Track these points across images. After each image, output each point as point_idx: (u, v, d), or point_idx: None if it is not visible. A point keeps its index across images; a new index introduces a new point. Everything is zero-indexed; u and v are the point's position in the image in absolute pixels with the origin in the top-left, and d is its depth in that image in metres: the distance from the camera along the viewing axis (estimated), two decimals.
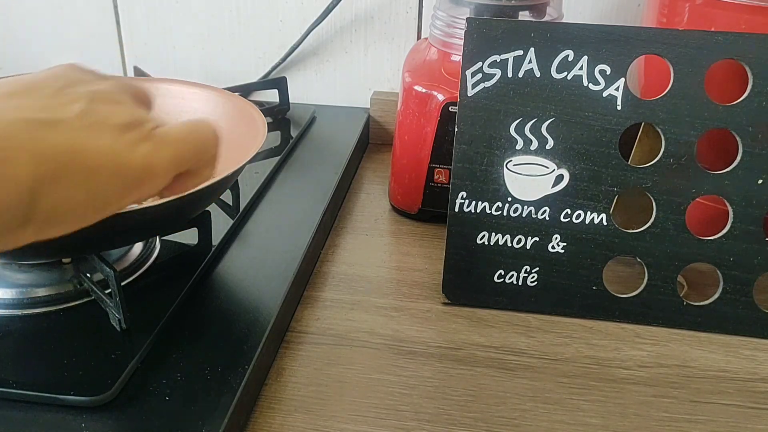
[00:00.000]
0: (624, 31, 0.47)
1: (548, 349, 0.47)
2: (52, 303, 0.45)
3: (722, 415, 0.42)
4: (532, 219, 0.50)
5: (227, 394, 0.38)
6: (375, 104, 0.79)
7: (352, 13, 0.79)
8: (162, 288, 0.47)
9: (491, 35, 0.47)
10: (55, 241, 0.28)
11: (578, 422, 0.41)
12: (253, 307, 0.47)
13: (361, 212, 0.65)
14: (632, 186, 0.48)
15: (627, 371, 0.46)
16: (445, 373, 0.45)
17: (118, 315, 0.42)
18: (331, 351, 0.47)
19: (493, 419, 0.41)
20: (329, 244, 0.59)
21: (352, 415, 0.41)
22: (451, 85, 0.57)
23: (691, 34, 0.46)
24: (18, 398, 0.38)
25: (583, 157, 0.48)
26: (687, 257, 0.49)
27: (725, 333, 0.49)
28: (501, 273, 0.51)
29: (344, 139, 0.73)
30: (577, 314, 0.50)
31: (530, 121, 0.48)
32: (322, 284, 0.54)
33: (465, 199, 0.50)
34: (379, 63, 0.81)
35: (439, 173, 0.60)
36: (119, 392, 0.38)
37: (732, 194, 0.48)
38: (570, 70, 0.47)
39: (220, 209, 0.57)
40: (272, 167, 0.65)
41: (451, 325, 0.50)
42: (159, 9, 0.82)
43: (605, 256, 0.50)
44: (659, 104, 0.47)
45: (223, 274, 0.50)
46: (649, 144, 0.50)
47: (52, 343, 0.42)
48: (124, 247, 0.50)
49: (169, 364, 0.41)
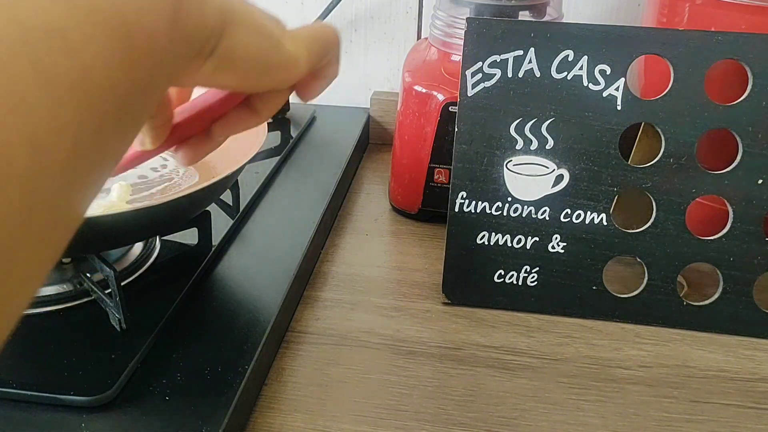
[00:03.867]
0: (624, 31, 0.47)
1: (548, 349, 0.47)
2: (52, 303, 0.45)
3: (722, 415, 0.42)
4: (532, 219, 0.50)
5: (227, 394, 0.38)
6: (375, 104, 0.79)
7: (352, 13, 0.79)
8: (162, 288, 0.47)
9: (491, 35, 0.47)
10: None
11: (578, 422, 0.41)
12: (253, 307, 0.47)
13: (361, 212, 0.65)
14: (632, 186, 0.48)
15: (627, 371, 0.46)
16: (445, 373, 0.45)
17: (118, 315, 0.42)
18: (331, 351, 0.47)
19: (493, 419, 0.41)
20: (329, 244, 0.59)
21: (352, 415, 0.41)
22: (451, 85, 0.57)
23: (691, 34, 0.46)
24: (18, 398, 0.38)
25: (583, 157, 0.48)
26: (687, 257, 0.49)
27: (725, 333, 0.49)
28: (501, 273, 0.51)
29: (344, 139, 0.73)
30: (577, 314, 0.50)
31: (530, 121, 0.48)
32: (322, 284, 0.54)
33: (465, 199, 0.50)
34: (379, 63, 0.81)
35: (439, 173, 0.60)
36: (119, 392, 0.38)
37: (732, 194, 0.47)
38: (570, 70, 0.47)
39: (220, 209, 0.57)
40: (272, 167, 0.65)
41: (451, 325, 0.50)
42: None
43: (605, 256, 0.50)
44: (659, 104, 0.47)
45: (223, 274, 0.50)
46: (649, 144, 0.50)
47: (52, 343, 0.42)
48: (124, 247, 0.50)
49: (169, 364, 0.41)
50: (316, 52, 0.32)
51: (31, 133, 0.17)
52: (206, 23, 0.24)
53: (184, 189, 0.52)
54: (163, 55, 0.22)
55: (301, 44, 0.30)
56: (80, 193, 0.19)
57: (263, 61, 0.28)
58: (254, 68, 0.28)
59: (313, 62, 0.31)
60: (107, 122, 0.19)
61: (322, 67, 0.33)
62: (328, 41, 0.32)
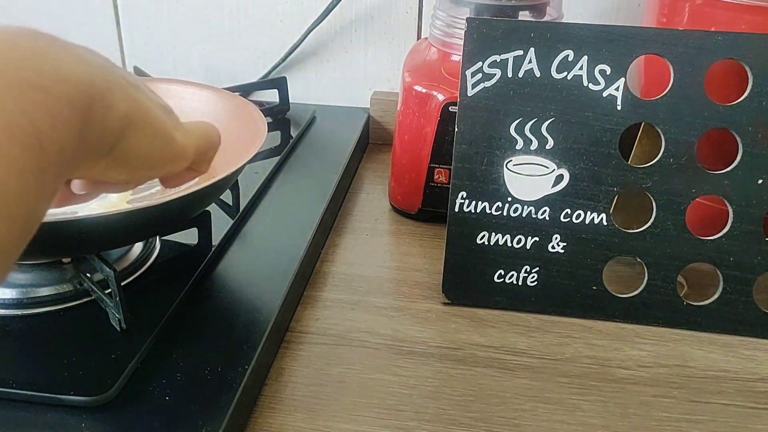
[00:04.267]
0: (624, 31, 0.47)
1: (548, 349, 0.47)
2: (52, 303, 0.45)
3: (722, 415, 0.42)
4: (532, 219, 0.50)
5: (227, 394, 0.38)
6: (375, 104, 0.79)
7: (352, 13, 0.79)
8: (162, 288, 0.47)
9: (491, 35, 0.47)
10: (55, 239, 0.28)
11: (578, 422, 0.41)
12: (253, 307, 0.47)
13: (361, 212, 0.65)
14: (632, 186, 0.48)
15: (627, 371, 0.46)
16: (445, 373, 0.45)
17: (118, 315, 0.42)
18: (331, 351, 0.47)
19: (493, 419, 0.41)
20: (329, 244, 0.59)
21: (352, 415, 0.41)
22: (451, 85, 0.57)
23: (691, 34, 0.46)
24: (18, 398, 0.38)
25: (583, 157, 0.48)
26: (687, 257, 0.49)
27: (725, 333, 0.49)
28: (501, 273, 0.51)
29: (344, 139, 0.73)
30: (577, 314, 0.50)
31: (530, 121, 0.48)
32: (322, 284, 0.54)
33: (465, 199, 0.50)
34: (379, 63, 0.81)
35: (439, 173, 0.60)
36: (119, 392, 0.38)
37: (732, 194, 0.48)
38: (570, 70, 0.47)
39: (220, 209, 0.57)
40: (272, 167, 0.65)
41: (451, 325, 0.50)
42: (159, 9, 0.82)
43: (605, 256, 0.50)
44: (659, 104, 0.47)
45: (223, 274, 0.50)
46: (649, 144, 0.50)
47: (52, 343, 0.42)
48: (124, 247, 0.50)
49: (169, 364, 0.41)
50: (201, 149, 0.34)
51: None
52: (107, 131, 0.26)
53: (184, 189, 0.52)
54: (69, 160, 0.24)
55: (190, 138, 0.33)
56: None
57: (155, 159, 0.30)
58: (144, 165, 0.30)
59: (197, 158, 0.34)
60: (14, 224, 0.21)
61: (197, 163, 0.34)
62: (213, 142, 0.35)
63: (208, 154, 0.35)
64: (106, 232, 0.42)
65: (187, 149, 0.32)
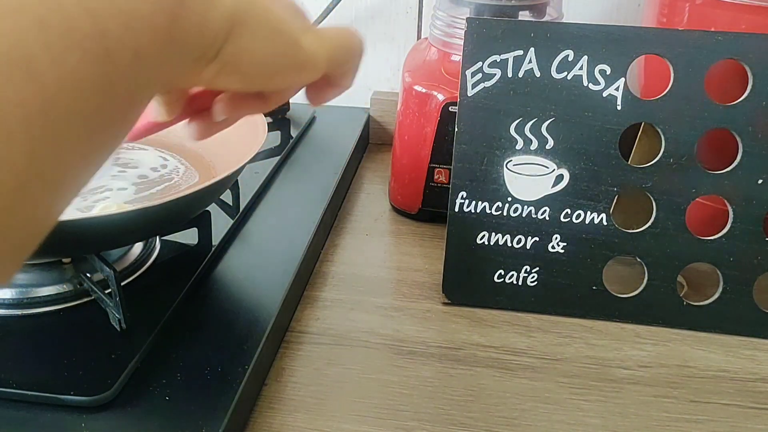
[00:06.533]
0: (624, 31, 0.47)
1: (548, 349, 0.47)
2: (52, 303, 0.45)
3: (722, 415, 0.42)
4: (532, 219, 0.50)
5: (227, 394, 0.38)
6: (375, 104, 0.79)
7: (352, 13, 0.79)
8: (162, 288, 0.47)
9: (491, 35, 0.47)
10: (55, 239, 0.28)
11: (578, 422, 0.41)
12: (253, 307, 0.47)
13: (361, 212, 0.65)
14: (632, 186, 0.48)
15: (627, 371, 0.46)
16: (445, 373, 0.45)
17: (118, 315, 0.42)
18: (331, 351, 0.47)
19: (493, 419, 0.41)
20: (329, 244, 0.59)
21: (352, 415, 0.41)
22: (451, 85, 0.57)
23: (691, 34, 0.46)
24: (18, 398, 0.38)
25: (583, 157, 0.48)
26: (687, 257, 0.49)
27: (725, 333, 0.49)
28: (501, 273, 0.51)
29: (344, 139, 0.73)
30: (577, 314, 0.50)
31: (530, 121, 0.48)
32: (322, 284, 0.54)
33: (465, 199, 0.50)
34: (379, 63, 0.81)
35: (439, 173, 0.60)
36: (119, 392, 0.38)
37: (732, 194, 0.47)
38: (570, 70, 0.47)
39: (220, 209, 0.57)
40: (272, 167, 0.65)
41: (451, 325, 0.50)
42: None
43: (605, 256, 0.50)
44: (659, 104, 0.47)
45: (223, 274, 0.50)
46: (649, 144, 0.50)
47: (52, 343, 0.42)
48: (124, 247, 0.50)
49: (169, 364, 0.41)
50: (337, 59, 0.30)
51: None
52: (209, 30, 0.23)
53: (184, 189, 0.52)
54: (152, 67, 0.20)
55: (323, 46, 0.29)
56: (45, 205, 0.18)
57: (273, 65, 0.27)
58: (261, 72, 0.27)
59: (332, 68, 0.30)
60: (72, 144, 0.18)
61: (338, 75, 0.31)
62: (352, 50, 0.31)
63: (349, 65, 0.31)
64: (106, 232, 0.42)
65: (318, 57, 0.28)
